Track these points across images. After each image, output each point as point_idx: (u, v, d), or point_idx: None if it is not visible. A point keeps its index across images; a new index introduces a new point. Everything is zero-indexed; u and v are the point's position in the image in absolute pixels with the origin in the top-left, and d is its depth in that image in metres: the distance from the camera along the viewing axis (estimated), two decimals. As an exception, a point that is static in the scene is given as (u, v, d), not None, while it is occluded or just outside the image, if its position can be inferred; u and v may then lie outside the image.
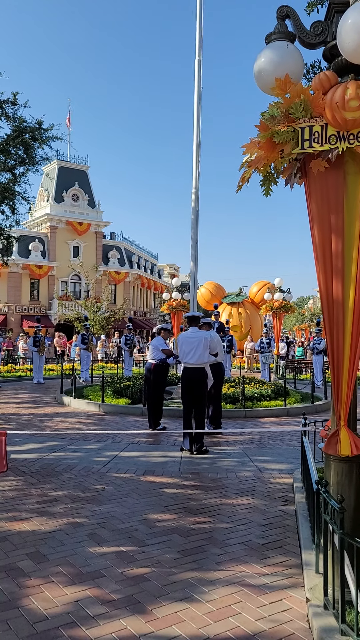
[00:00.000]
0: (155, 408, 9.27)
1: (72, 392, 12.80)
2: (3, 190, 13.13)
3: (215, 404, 9.26)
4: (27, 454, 7.27)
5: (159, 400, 9.36)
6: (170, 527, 4.61)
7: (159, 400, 9.34)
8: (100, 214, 45.65)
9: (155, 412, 9.25)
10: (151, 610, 3.23)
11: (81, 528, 4.55)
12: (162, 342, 9.41)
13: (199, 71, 12.31)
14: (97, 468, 6.54)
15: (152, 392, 9.32)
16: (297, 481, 5.75)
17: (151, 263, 56.73)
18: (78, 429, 9.31)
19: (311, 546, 3.91)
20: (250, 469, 6.67)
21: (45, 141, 13.62)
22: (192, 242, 12.29)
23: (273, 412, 11.29)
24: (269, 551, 4.15)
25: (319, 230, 3.18)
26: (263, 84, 3.20)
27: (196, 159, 12.29)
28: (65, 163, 44.06)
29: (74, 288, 43.41)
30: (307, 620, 3.14)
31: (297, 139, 3.07)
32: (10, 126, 13.23)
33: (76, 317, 32.06)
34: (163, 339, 9.52)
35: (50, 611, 3.20)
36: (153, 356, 9.29)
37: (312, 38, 3.19)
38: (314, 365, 18.48)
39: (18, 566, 3.79)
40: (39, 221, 43.24)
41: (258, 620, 3.14)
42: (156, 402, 9.29)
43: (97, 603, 3.30)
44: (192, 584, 3.59)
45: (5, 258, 15.98)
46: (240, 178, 3.33)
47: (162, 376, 9.46)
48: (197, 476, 6.30)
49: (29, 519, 4.75)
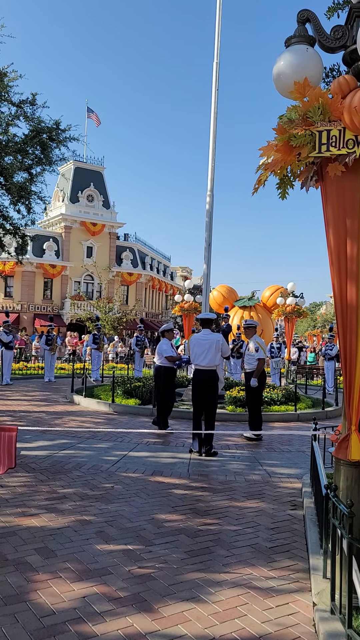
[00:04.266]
0: (164, 409, 9.28)
1: (83, 391, 12.86)
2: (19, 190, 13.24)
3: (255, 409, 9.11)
4: (37, 451, 7.32)
5: (168, 401, 9.37)
6: (178, 527, 4.62)
7: (167, 401, 9.35)
8: (114, 215, 45.88)
9: (164, 413, 9.27)
10: (157, 608, 3.24)
11: (89, 525, 4.58)
12: (166, 346, 9.34)
13: (216, 74, 12.35)
14: (106, 467, 6.57)
15: (162, 394, 9.33)
16: (306, 486, 5.73)
17: (164, 265, 56.86)
18: (88, 428, 9.35)
19: (319, 551, 3.90)
20: (259, 472, 6.65)
21: (63, 142, 13.73)
22: (206, 244, 12.30)
23: (283, 417, 11.25)
24: (276, 555, 4.14)
25: (334, 234, 3.18)
26: (281, 87, 3.21)
27: (212, 161, 12.32)
28: (82, 164, 44.38)
29: (86, 288, 43.69)
30: (313, 624, 3.13)
31: (314, 143, 3.07)
32: (29, 126, 13.36)
33: (88, 317, 32.22)
34: (168, 340, 9.49)
35: (58, 606, 3.22)
36: (160, 359, 9.32)
37: (332, 42, 3.19)
38: (326, 371, 18.38)
39: (26, 561, 3.82)
40: (54, 221, 43.57)
41: (264, 623, 3.14)
42: (165, 404, 9.30)
43: (104, 600, 3.32)
44: (199, 584, 3.59)
45: (20, 257, 16.11)
46: (256, 181, 3.34)
47: (170, 378, 9.46)
48: (205, 478, 6.30)
49: (37, 515, 4.79)
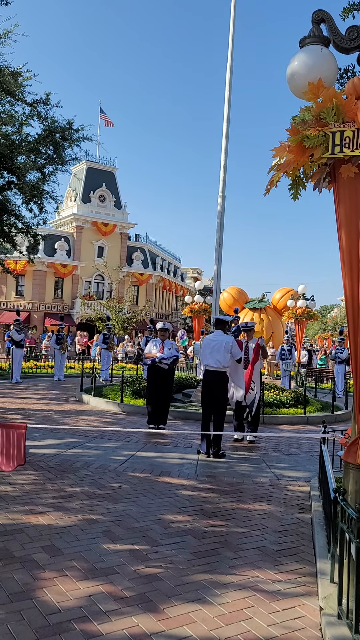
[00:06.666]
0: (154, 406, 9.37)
1: (92, 391, 12.90)
2: (32, 189, 13.29)
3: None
4: (46, 449, 7.35)
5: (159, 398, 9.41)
6: (185, 528, 4.61)
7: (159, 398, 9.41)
8: (126, 215, 45.97)
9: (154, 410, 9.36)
10: (163, 609, 3.24)
11: (96, 524, 4.58)
12: (151, 344, 9.59)
13: (230, 75, 12.35)
14: (114, 466, 6.58)
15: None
16: (314, 489, 5.69)
17: (174, 266, 56.86)
18: (96, 427, 9.37)
19: (326, 555, 3.87)
20: (267, 475, 6.63)
21: (75, 141, 13.76)
22: (217, 246, 12.29)
23: (292, 420, 11.20)
24: (283, 558, 4.11)
25: (346, 235, 3.16)
26: (295, 88, 3.20)
27: (224, 162, 12.31)
28: (94, 164, 44.50)
29: (97, 288, 43.80)
30: (319, 629, 3.11)
31: (327, 144, 3.05)
32: (42, 125, 13.41)
33: (98, 317, 32.32)
34: (161, 339, 9.58)
35: (63, 604, 3.22)
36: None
37: (347, 43, 3.17)
38: (336, 374, 18.27)
39: (33, 558, 3.84)
40: (66, 221, 43.73)
41: (270, 626, 3.12)
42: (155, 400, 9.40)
43: (110, 599, 3.32)
44: (205, 585, 3.58)
45: (32, 256, 16.18)
46: (268, 181, 3.33)
47: (153, 374, 9.48)
48: (213, 479, 6.28)
49: (45, 512, 4.80)
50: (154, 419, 9.30)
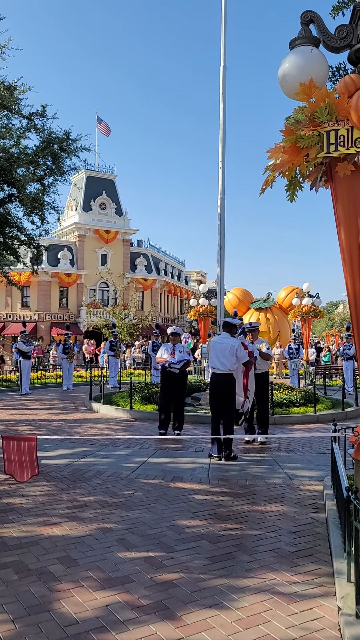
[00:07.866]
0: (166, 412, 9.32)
1: (101, 399, 12.92)
2: (33, 201, 13.39)
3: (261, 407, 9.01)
4: (58, 459, 7.36)
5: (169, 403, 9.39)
6: (199, 533, 4.60)
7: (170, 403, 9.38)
8: (127, 221, 46.11)
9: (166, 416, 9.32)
10: (180, 616, 3.23)
11: (110, 533, 4.58)
12: (162, 349, 9.56)
13: (223, 77, 12.39)
14: (126, 474, 6.58)
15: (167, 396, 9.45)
16: (328, 488, 5.67)
17: (178, 270, 56.91)
18: (107, 435, 9.38)
19: (342, 554, 3.85)
20: (279, 475, 6.60)
21: (74, 152, 13.85)
22: (218, 248, 12.30)
23: (302, 419, 11.16)
24: (300, 559, 4.10)
25: (345, 233, 3.16)
26: (287, 89, 3.20)
27: (221, 165, 12.33)
28: (93, 172, 44.70)
29: (102, 295, 43.91)
30: (338, 629, 3.09)
31: (322, 143, 3.06)
32: (40, 137, 13.52)
33: (104, 324, 32.37)
34: (172, 343, 9.56)
35: (81, 615, 3.23)
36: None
37: (336, 42, 3.18)
38: (345, 371, 18.18)
39: (49, 570, 3.84)
40: (68, 230, 43.93)
41: (289, 629, 3.10)
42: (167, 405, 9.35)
43: (127, 608, 3.32)
44: (222, 590, 3.57)
45: (36, 267, 16.28)
46: (263, 181, 3.33)
47: (164, 379, 9.44)
48: (225, 483, 6.27)
49: (59, 523, 4.81)
50: (167, 424, 9.27)
